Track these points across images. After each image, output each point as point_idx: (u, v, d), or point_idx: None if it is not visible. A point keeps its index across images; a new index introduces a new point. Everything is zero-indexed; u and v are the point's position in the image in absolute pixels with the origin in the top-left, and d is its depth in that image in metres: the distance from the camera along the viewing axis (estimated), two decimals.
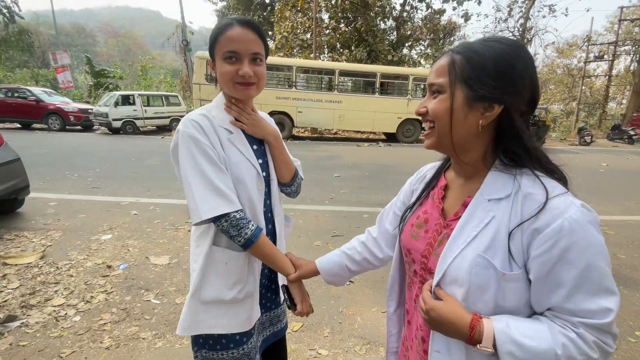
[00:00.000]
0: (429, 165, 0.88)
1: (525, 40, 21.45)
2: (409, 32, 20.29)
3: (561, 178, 0.65)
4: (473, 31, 40.99)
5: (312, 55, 16.08)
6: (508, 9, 21.70)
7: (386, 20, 19.39)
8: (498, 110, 0.63)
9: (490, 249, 0.61)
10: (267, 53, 0.95)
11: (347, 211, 4.38)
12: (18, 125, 12.86)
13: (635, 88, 19.97)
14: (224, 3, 25.11)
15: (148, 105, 13.12)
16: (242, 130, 0.97)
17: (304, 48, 17.79)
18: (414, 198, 0.85)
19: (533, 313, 0.62)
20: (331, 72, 12.42)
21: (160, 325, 2.12)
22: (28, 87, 13.65)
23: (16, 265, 2.73)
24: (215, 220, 0.85)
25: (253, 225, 0.88)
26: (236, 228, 0.86)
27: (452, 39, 23.25)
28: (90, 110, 12.99)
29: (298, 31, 18.07)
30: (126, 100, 12.49)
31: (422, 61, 21.12)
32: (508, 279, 0.59)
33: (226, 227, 0.86)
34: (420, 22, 20.75)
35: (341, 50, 18.69)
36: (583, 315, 0.55)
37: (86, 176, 5.58)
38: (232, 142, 0.92)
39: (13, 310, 2.19)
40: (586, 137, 15.23)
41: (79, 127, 13.02)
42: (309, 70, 12.88)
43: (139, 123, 12.64)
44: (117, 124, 12.07)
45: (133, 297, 2.38)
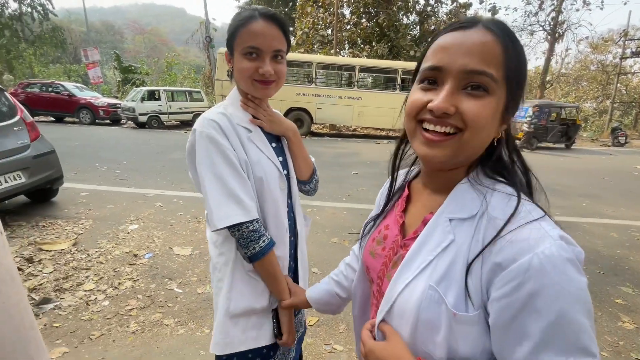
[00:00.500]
0: (402, 171, 0.75)
1: (556, 34, 20.49)
2: (433, 27, 19.79)
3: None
4: None
5: (333, 51, 16.01)
6: (539, 2, 20.77)
7: (409, 14, 18.98)
8: (508, 124, 0.54)
9: (444, 281, 0.50)
10: (289, 49, 0.90)
11: (364, 209, 4.37)
12: (52, 118, 13.52)
13: None
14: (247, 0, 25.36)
15: (172, 100, 13.49)
16: (260, 127, 0.93)
17: (325, 44, 17.72)
18: (381, 207, 0.73)
19: None
20: (351, 68, 12.33)
21: (182, 313, 2.21)
22: (61, 82, 14.30)
23: (51, 251, 2.90)
24: (229, 228, 0.81)
25: (264, 241, 0.83)
26: (246, 240, 0.82)
27: None
28: (118, 105, 13.50)
29: (319, 27, 18.02)
30: (152, 95, 12.89)
31: None
32: (460, 321, 0.48)
33: (237, 236, 0.82)
34: (444, 17, 20.21)
35: (362, 45, 18.48)
36: None
37: (114, 168, 5.83)
38: (252, 141, 0.88)
39: (48, 293, 2.34)
40: (620, 138, 14.44)
41: (108, 121, 13.57)
42: (329, 66, 12.83)
43: (164, 118, 13.03)
44: (143, 119, 12.49)
45: (157, 285, 2.49)
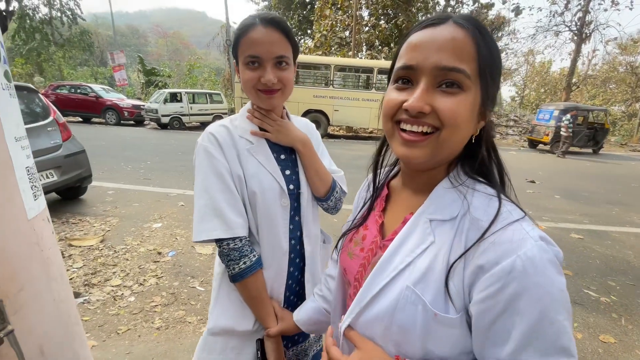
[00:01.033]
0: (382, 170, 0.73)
1: (583, 35, 19.73)
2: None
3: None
4: (524, 26, 38.30)
5: (351, 53, 16.00)
6: (565, 2, 20.08)
7: (429, 15, 18.76)
8: (485, 120, 0.53)
9: (421, 282, 0.49)
10: (297, 53, 0.86)
11: None
12: (79, 119, 14.10)
13: None
14: (266, 3, 25.70)
15: (193, 102, 13.82)
16: (268, 139, 0.89)
17: (342, 46, 17.73)
18: (359, 209, 0.71)
19: None
20: (369, 70, 12.28)
21: (204, 311, 2.26)
22: (89, 84, 14.90)
23: (80, 247, 3.03)
24: (208, 242, 0.80)
25: (245, 262, 0.80)
26: (226, 258, 0.80)
27: (500, 35, 21.99)
28: (142, 106, 13.94)
29: (337, 29, 18.05)
30: (174, 97, 13.24)
31: None
32: (441, 322, 0.48)
33: (218, 252, 0.81)
34: None
35: (380, 47, 18.39)
36: None
37: (139, 168, 6.03)
38: (251, 153, 0.85)
39: (77, 287, 2.44)
40: None
41: (132, 122, 14.03)
42: (347, 68, 12.83)
43: (185, 119, 13.36)
44: (166, 120, 12.85)
45: (180, 283, 2.56)
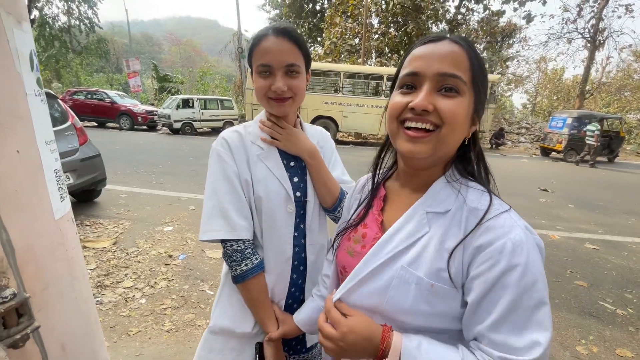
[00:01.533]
0: (367, 175, 0.79)
1: (597, 42, 19.45)
2: (464, 35, 19.43)
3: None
4: (536, 33, 37.99)
5: (360, 60, 16.10)
6: (577, 9, 19.87)
7: (439, 23, 18.79)
8: (477, 125, 0.60)
9: (415, 262, 0.56)
10: (309, 62, 0.88)
11: None
12: (94, 123, 14.47)
13: None
14: (277, 11, 26.11)
15: (205, 108, 14.05)
16: (277, 146, 0.91)
17: (352, 53, 17.86)
18: (352, 210, 0.76)
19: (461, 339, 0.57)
20: (379, 77, 12.33)
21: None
22: (104, 90, 15.33)
23: (93, 248, 3.09)
24: (212, 242, 0.83)
25: (246, 265, 0.82)
26: (229, 259, 0.83)
27: (512, 42, 21.83)
28: (155, 112, 14.26)
29: (347, 37, 18.20)
30: (186, 103, 13.50)
31: None
32: (437, 292, 0.54)
33: (222, 253, 0.85)
34: (476, 25, 19.79)
35: (390, 54, 18.45)
36: (505, 349, 0.49)
37: (151, 172, 6.14)
38: (261, 159, 0.88)
39: (90, 288, 2.49)
40: None
41: (145, 127, 14.33)
42: (356, 75, 12.90)
43: (196, 125, 13.59)
44: (178, 125, 13.10)
45: (190, 286, 2.58)
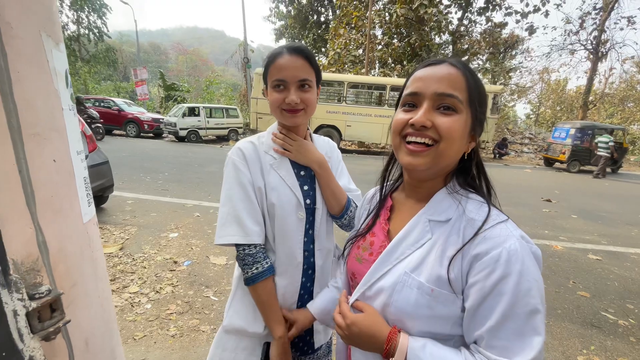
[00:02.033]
0: (376, 187, 0.84)
1: (599, 54, 19.56)
2: (466, 47, 19.65)
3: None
4: (538, 44, 38.28)
5: (364, 70, 16.29)
6: (579, 21, 20.05)
7: (441, 34, 19.03)
8: (475, 142, 0.65)
9: (417, 269, 0.60)
10: (319, 77, 0.94)
11: None
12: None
13: None
14: (282, 22, 26.58)
15: (210, 116, 14.23)
16: (288, 157, 0.97)
17: (356, 63, 18.08)
18: (362, 219, 0.82)
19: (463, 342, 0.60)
20: (382, 87, 12.46)
21: (217, 321, 2.30)
22: (112, 98, 15.58)
23: None
24: (228, 246, 0.89)
25: (257, 268, 0.87)
26: (242, 262, 0.88)
27: (514, 53, 22.00)
28: (161, 119, 14.45)
29: (351, 47, 18.46)
30: (192, 111, 13.68)
31: (480, 76, 20.19)
32: (437, 297, 0.57)
33: (236, 256, 0.90)
34: (478, 36, 20.01)
35: (393, 65, 18.65)
36: (502, 353, 0.52)
37: (157, 179, 6.23)
38: (274, 168, 0.93)
39: None
40: None
41: (151, 134, 14.51)
42: (359, 85, 13.06)
43: (202, 132, 13.74)
44: (183, 133, 13.25)
45: (195, 292, 2.61)
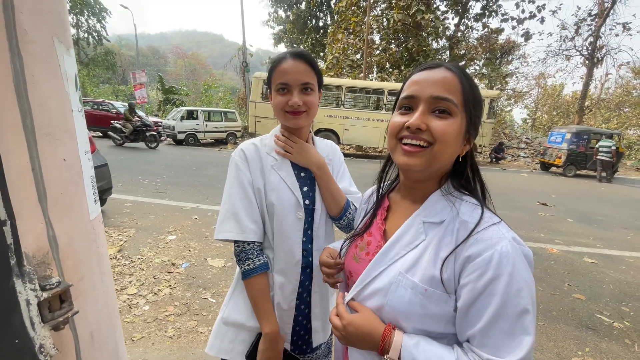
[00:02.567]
0: (373, 187, 0.86)
1: (595, 59, 19.80)
2: (463, 52, 19.84)
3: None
4: (534, 50, 38.68)
5: (362, 75, 16.42)
6: (575, 27, 20.31)
7: (439, 40, 19.22)
8: (470, 145, 0.66)
9: (412, 269, 0.61)
10: (321, 82, 0.98)
11: None
12: (100, 134, 14.66)
13: None
14: (281, 27, 26.75)
15: (209, 120, 14.26)
16: (289, 159, 1.00)
17: (354, 68, 18.21)
18: (359, 219, 0.84)
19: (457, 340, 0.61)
20: (380, 92, 12.55)
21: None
22: (111, 101, 15.61)
23: None
24: (225, 241, 0.93)
25: (249, 265, 0.91)
26: (237, 258, 0.93)
27: (511, 58, 22.23)
28: (159, 123, 14.46)
29: (349, 52, 18.60)
30: (190, 115, 13.72)
31: (477, 81, 20.42)
32: (431, 297, 0.59)
33: (234, 252, 0.94)
34: (475, 42, 20.22)
35: (390, 70, 18.79)
36: (493, 352, 0.53)
37: (155, 182, 6.24)
38: (275, 169, 0.97)
39: None
40: None
41: None
42: (357, 89, 13.15)
43: (200, 136, 13.77)
44: (181, 136, 13.28)
45: (193, 294, 2.62)
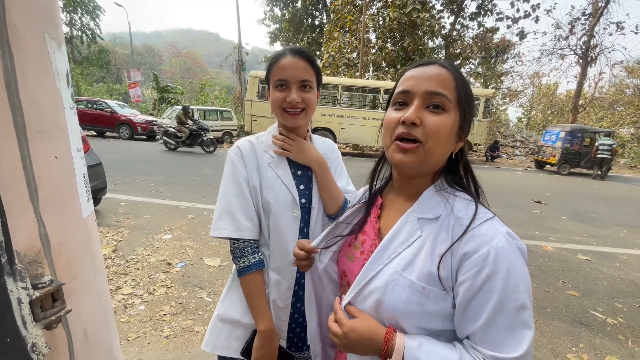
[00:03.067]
0: (366, 185, 0.85)
1: (589, 58, 19.97)
2: (459, 51, 19.93)
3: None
4: (529, 49, 39.02)
5: (358, 73, 16.44)
6: (569, 27, 20.46)
7: (434, 39, 19.29)
8: (463, 142, 0.66)
9: (409, 267, 0.60)
10: (320, 79, 0.97)
11: None
12: (94, 133, 14.54)
13: None
14: (277, 25, 26.68)
15: (204, 118, 14.16)
16: (288, 157, 0.99)
17: (350, 67, 18.22)
18: (350, 218, 0.82)
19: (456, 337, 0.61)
20: (376, 91, 12.57)
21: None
22: (105, 100, 15.46)
23: None
24: (221, 239, 0.92)
25: (244, 262, 0.90)
26: (232, 255, 0.93)
27: (506, 57, 22.36)
28: (154, 122, 14.35)
29: (345, 51, 18.60)
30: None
31: (472, 80, 20.52)
32: (428, 295, 0.58)
33: (230, 249, 0.94)
34: (470, 41, 20.32)
35: (387, 69, 18.83)
36: (495, 348, 0.53)
37: (150, 181, 6.19)
38: (271, 166, 0.96)
39: None
40: None
41: (144, 137, 14.41)
42: (353, 88, 13.16)
43: None
44: None
45: (189, 294, 2.62)
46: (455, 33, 20.06)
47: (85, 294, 0.65)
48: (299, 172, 1.00)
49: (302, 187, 0.98)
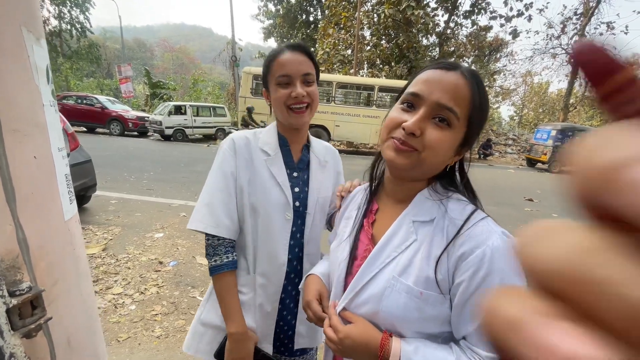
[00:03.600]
0: (358, 187, 0.85)
1: None
2: (453, 49, 20.00)
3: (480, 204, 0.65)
4: (522, 48, 39.32)
5: (352, 70, 16.39)
6: (561, 26, 20.67)
7: (429, 36, 19.32)
8: (461, 156, 0.65)
9: (405, 272, 0.60)
10: (318, 74, 0.95)
11: None
12: (84, 129, 14.29)
13: None
14: (271, 21, 26.45)
15: (197, 115, 14.01)
16: (283, 154, 0.97)
17: (345, 64, 18.17)
18: (350, 224, 0.79)
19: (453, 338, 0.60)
20: (370, 88, 12.55)
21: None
22: (95, 95, 15.16)
23: None
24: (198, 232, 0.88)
25: (215, 261, 0.87)
26: (206, 250, 0.89)
27: (499, 56, 22.51)
28: (146, 118, 14.16)
29: (339, 47, 18.53)
30: (178, 110, 13.44)
31: None
32: (426, 299, 0.58)
33: (205, 244, 0.90)
34: (464, 39, 20.40)
35: (381, 66, 18.82)
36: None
37: (142, 178, 6.10)
38: (266, 164, 0.92)
39: None
40: None
41: (136, 133, 14.22)
42: (348, 85, 13.11)
43: (188, 131, 13.52)
44: (169, 132, 13.01)
45: (181, 293, 2.58)
46: (449, 31, 20.12)
47: (67, 300, 0.63)
48: (295, 174, 0.97)
49: (297, 190, 0.95)
